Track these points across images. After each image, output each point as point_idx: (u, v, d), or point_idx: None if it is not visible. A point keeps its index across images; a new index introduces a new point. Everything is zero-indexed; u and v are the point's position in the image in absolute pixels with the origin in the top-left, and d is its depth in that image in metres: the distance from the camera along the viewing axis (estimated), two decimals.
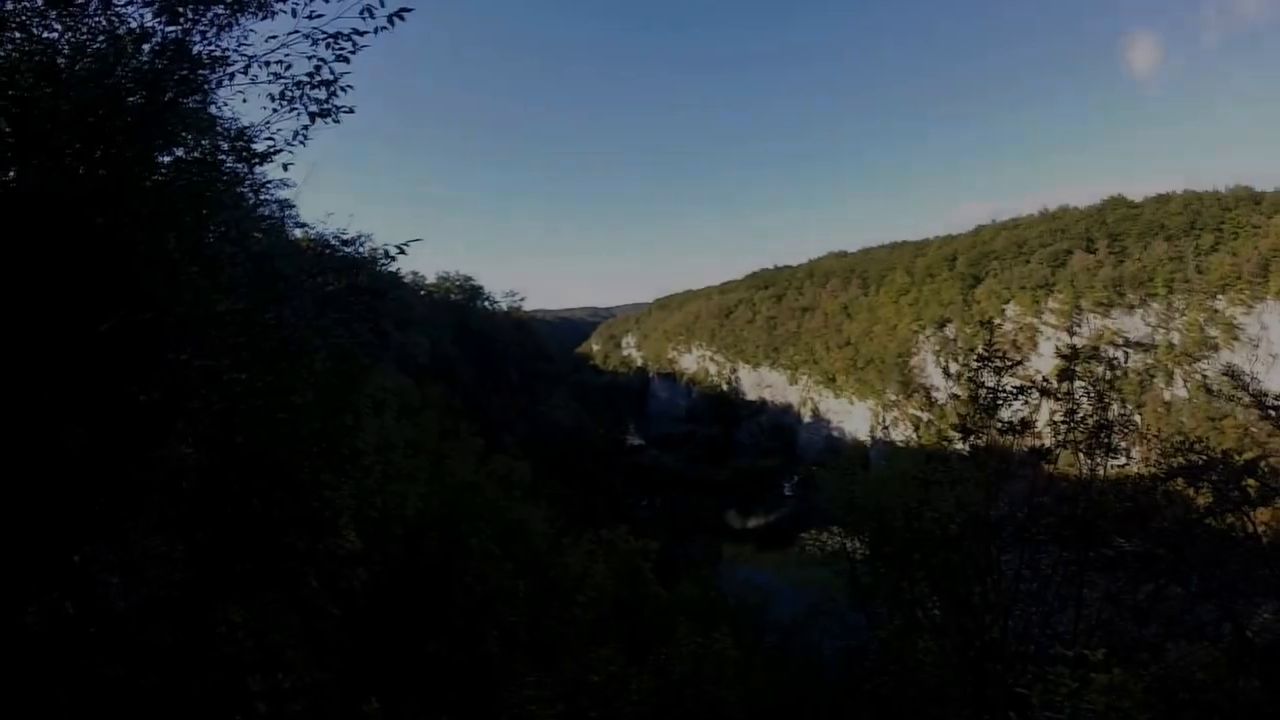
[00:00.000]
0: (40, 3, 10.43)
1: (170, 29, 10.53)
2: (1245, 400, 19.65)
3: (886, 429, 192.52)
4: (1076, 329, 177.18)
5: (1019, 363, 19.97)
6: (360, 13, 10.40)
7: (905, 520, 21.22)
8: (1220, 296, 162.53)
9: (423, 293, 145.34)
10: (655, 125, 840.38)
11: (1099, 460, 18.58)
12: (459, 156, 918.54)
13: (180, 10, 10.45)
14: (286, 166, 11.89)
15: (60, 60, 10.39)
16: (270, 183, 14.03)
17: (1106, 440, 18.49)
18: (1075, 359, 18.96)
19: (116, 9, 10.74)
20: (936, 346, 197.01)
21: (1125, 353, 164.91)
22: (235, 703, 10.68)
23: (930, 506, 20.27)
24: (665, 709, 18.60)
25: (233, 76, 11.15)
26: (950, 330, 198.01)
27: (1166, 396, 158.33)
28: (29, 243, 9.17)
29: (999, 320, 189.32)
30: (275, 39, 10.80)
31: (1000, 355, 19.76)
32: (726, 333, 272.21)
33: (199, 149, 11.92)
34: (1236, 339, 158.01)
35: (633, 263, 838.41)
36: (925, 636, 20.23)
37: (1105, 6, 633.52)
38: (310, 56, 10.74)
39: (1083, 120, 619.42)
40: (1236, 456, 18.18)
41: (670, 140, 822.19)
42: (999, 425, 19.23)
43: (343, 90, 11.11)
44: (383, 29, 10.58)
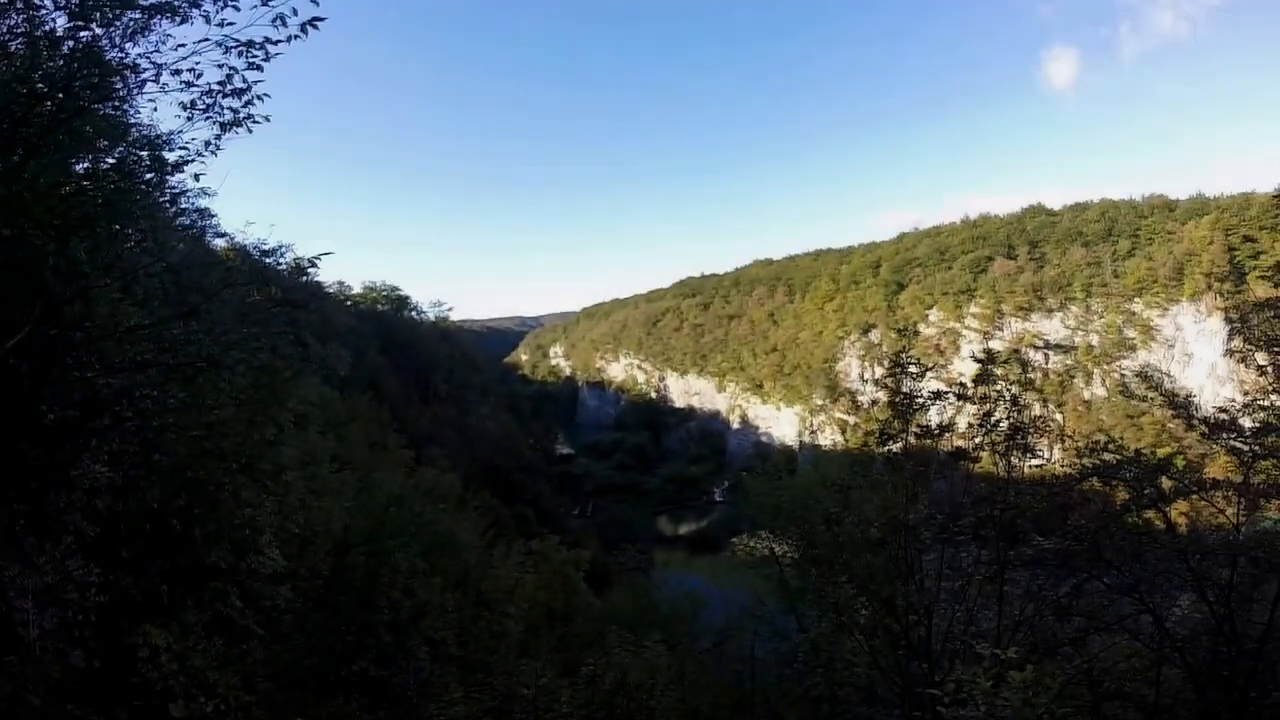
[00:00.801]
0: None
1: (84, 33, 10.20)
2: (1157, 400, 20.25)
3: (814, 433, 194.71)
4: (998, 333, 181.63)
5: (931, 368, 20.34)
6: (272, 21, 10.17)
7: (826, 525, 21.45)
8: (1137, 300, 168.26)
9: (349, 303, 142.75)
10: (580, 134, 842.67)
11: (1016, 461, 18.97)
12: (383, 165, 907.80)
13: (95, 14, 10.13)
14: (198, 177, 11.60)
15: None
16: (189, 191, 13.60)
17: (1023, 442, 18.86)
18: (990, 363, 19.28)
19: (35, 11, 10.40)
20: (861, 351, 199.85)
21: (1046, 354, 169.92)
22: None
23: (852, 511, 20.51)
24: None
25: (144, 84, 10.86)
26: (875, 335, 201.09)
27: (1086, 396, 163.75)
28: None
29: (922, 325, 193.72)
30: (185, 46, 10.54)
31: (915, 361, 20.13)
32: (654, 341, 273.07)
33: (113, 156, 11.59)
34: (1153, 340, 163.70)
35: (560, 271, 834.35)
36: (853, 637, 20.41)
37: (1026, 22, 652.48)
38: (221, 65, 10.49)
39: (1003, 131, 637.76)
40: (1150, 455, 18.75)
41: (595, 149, 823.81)
42: (918, 430, 19.55)
43: (259, 99, 10.87)
44: (296, 38, 10.34)
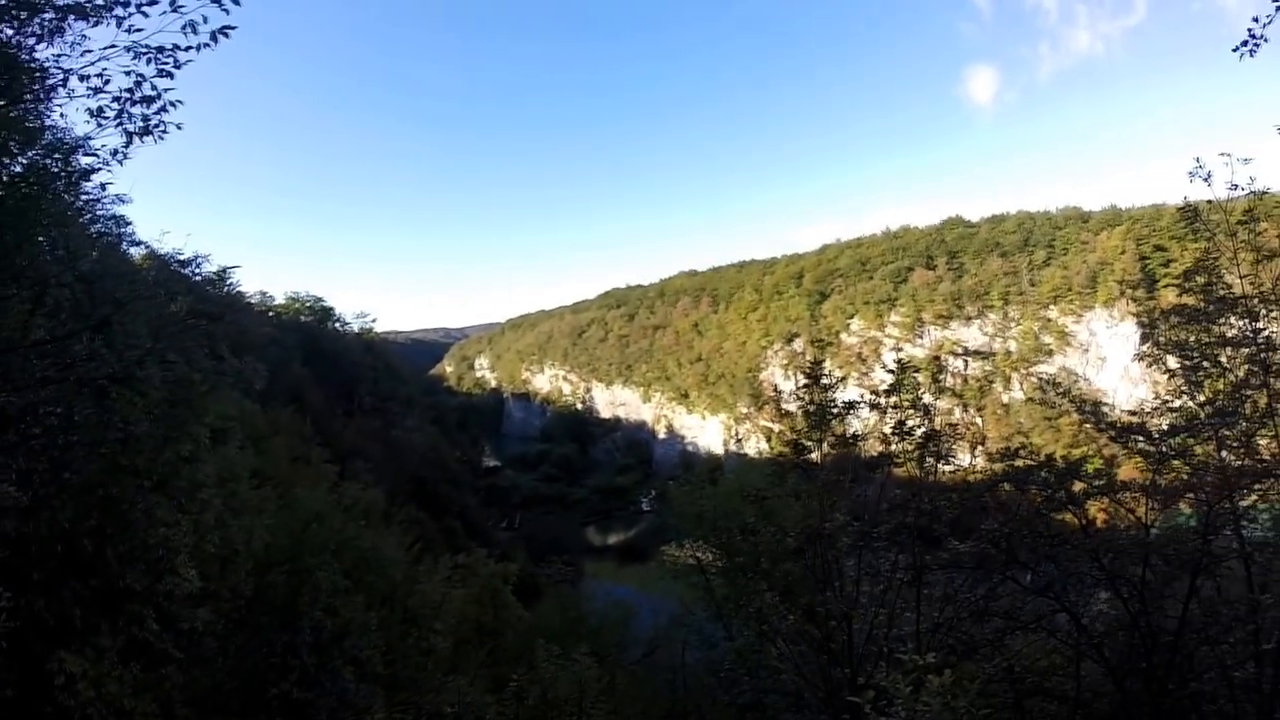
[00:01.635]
0: None
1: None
2: (1065, 405, 20.80)
3: (739, 441, 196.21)
4: (918, 340, 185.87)
5: (843, 379, 20.69)
6: (182, 29, 9.89)
7: (742, 535, 21.58)
8: (1052, 307, 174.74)
9: (271, 314, 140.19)
10: (503, 145, 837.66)
11: (930, 467, 19.34)
12: (305, 173, 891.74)
13: (8, 14, 9.75)
14: (105, 186, 11.24)
15: None
16: (104, 198, 13.17)
17: (936, 449, 19.21)
18: (902, 373, 19.63)
19: None
20: (785, 360, 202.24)
21: (965, 361, 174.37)
22: None
23: (769, 520, 20.68)
24: None
25: (53, 89, 10.50)
26: (798, 344, 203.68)
27: (1005, 400, 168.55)
28: None
29: (845, 334, 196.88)
30: (92, 52, 10.22)
31: (828, 373, 20.44)
32: (580, 352, 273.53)
33: (24, 160, 11.18)
34: (1069, 345, 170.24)
35: (485, 283, 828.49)
36: (779, 644, 20.53)
37: (949, 41, 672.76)
38: (129, 71, 10.18)
39: (925, 145, 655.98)
40: (1061, 460, 19.21)
41: (519, 160, 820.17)
42: (834, 439, 19.83)
43: (172, 106, 10.57)
44: (206, 45, 10.07)
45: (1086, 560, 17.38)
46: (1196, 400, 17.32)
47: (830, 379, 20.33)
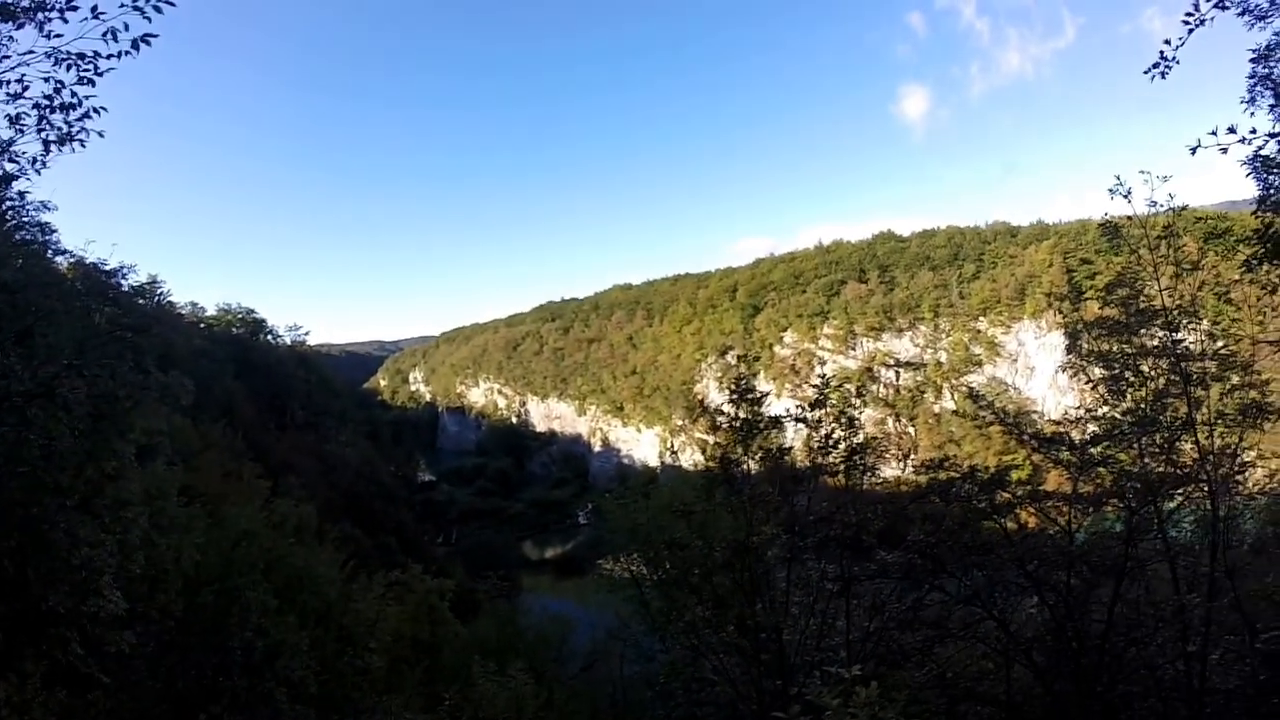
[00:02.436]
0: None
1: None
2: (988, 417, 21.24)
3: (674, 454, 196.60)
4: (851, 352, 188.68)
5: (777, 393, 20.87)
6: (103, 36, 9.63)
7: (669, 550, 21.62)
8: (982, 319, 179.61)
9: (202, 325, 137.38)
10: (436, 158, 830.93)
11: (857, 479, 19.59)
12: (236, 182, 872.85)
13: None
14: (24, 195, 10.93)
15: None
16: (28, 205, 12.78)
17: (862, 461, 19.44)
18: (826, 388, 19.85)
19: None
20: (719, 373, 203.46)
21: (897, 372, 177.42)
22: None
23: (702, 532, 20.73)
24: None
25: None
26: (732, 357, 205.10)
27: (937, 409, 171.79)
28: None
29: (778, 346, 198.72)
30: (10, 58, 9.92)
31: (754, 389, 20.60)
32: (515, 365, 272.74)
33: None
34: (998, 355, 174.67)
35: (419, 295, 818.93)
36: (713, 657, 20.55)
37: (883, 60, 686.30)
38: (48, 78, 9.90)
39: (858, 162, 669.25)
40: (986, 468, 19.58)
41: (452, 172, 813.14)
42: (761, 452, 19.98)
43: (95, 112, 10.30)
44: (127, 53, 9.82)
45: (1012, 568, 17.73)
46: (1119, 409, 17.76)
47: (755, 394, 20.52)
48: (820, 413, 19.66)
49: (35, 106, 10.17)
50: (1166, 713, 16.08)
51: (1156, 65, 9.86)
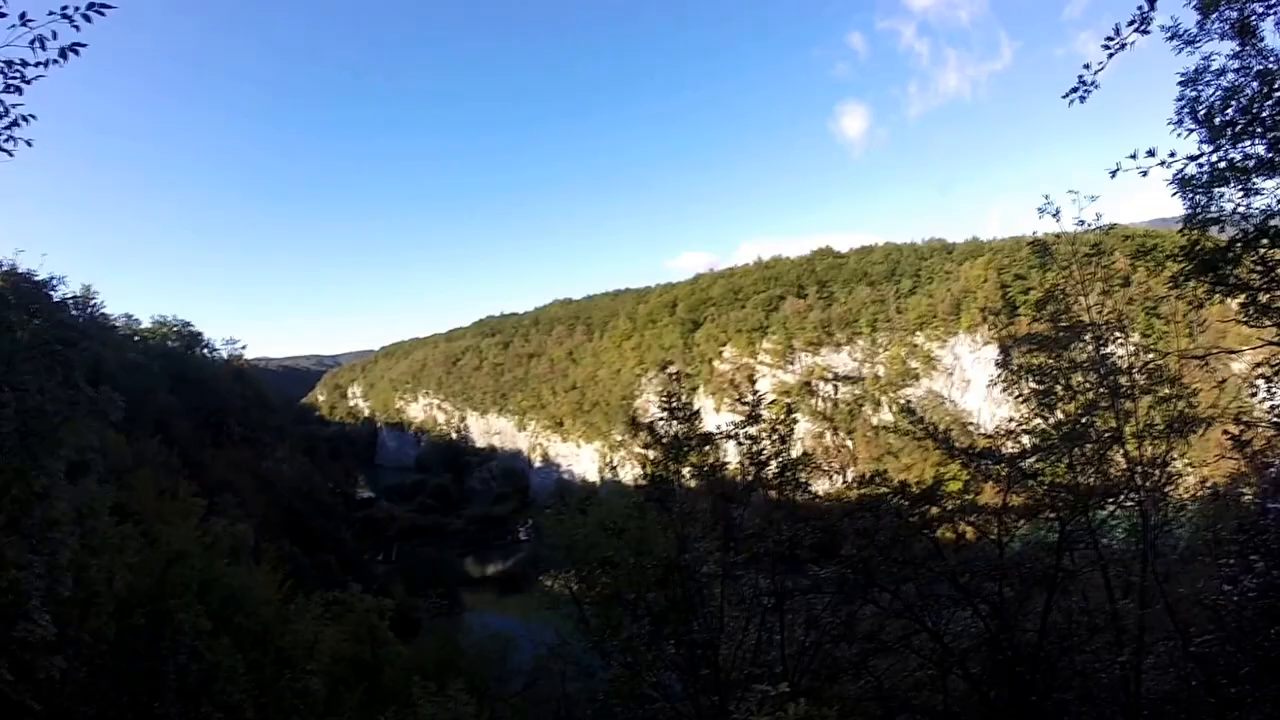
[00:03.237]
0: None
1: None
2: (918, 433, 21.66)
3: (614, 469, 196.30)
4: (790, 366, 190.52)
5: (697, 413, 21.00)
6: (30, 44, 9.43)
7: (602, 567, 21.63)
8: (919, 333, 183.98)
9: (137, 338, 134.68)
10: (376, 171, 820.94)
11: (789, 494, 19.81)
12: (168, 193, 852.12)
13: None
14: None
15: None
16: None
17: (793, 477, 19.65)
18: (758, 406, 20.05)
19: None
20: (659, 387, 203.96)
21: (835, 386, 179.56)
22: None
23: (640, 548, 20.75)
24: None
25: None
26: (677, 369, 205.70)
27: (875, 422, 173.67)
28: None
29: (717, 361, 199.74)
30: None
31: (683, 406, 20.73)
32: (454, 380, 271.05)
33: None
34: (934, 369, 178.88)
35: (357, 309, 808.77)
36: (651, 673, 20.54)
37: (822, 79, 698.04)
38: None
39: (797, 179, 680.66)
40: (917, 483, 19.90)
41: (391, 186, 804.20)
42: (692, 469, 20.10)
43: (24, 120, 10.06)
44: (55, 62, 9.62)
45: (944, 581, 18.05)
46: (1050, 422, 18.15)
47: (684, 412, 20.67)
48: (753, 429, 19.85)
49: None
50: (1102, 719, 16.42)
51: (1076, 89, 10.00)
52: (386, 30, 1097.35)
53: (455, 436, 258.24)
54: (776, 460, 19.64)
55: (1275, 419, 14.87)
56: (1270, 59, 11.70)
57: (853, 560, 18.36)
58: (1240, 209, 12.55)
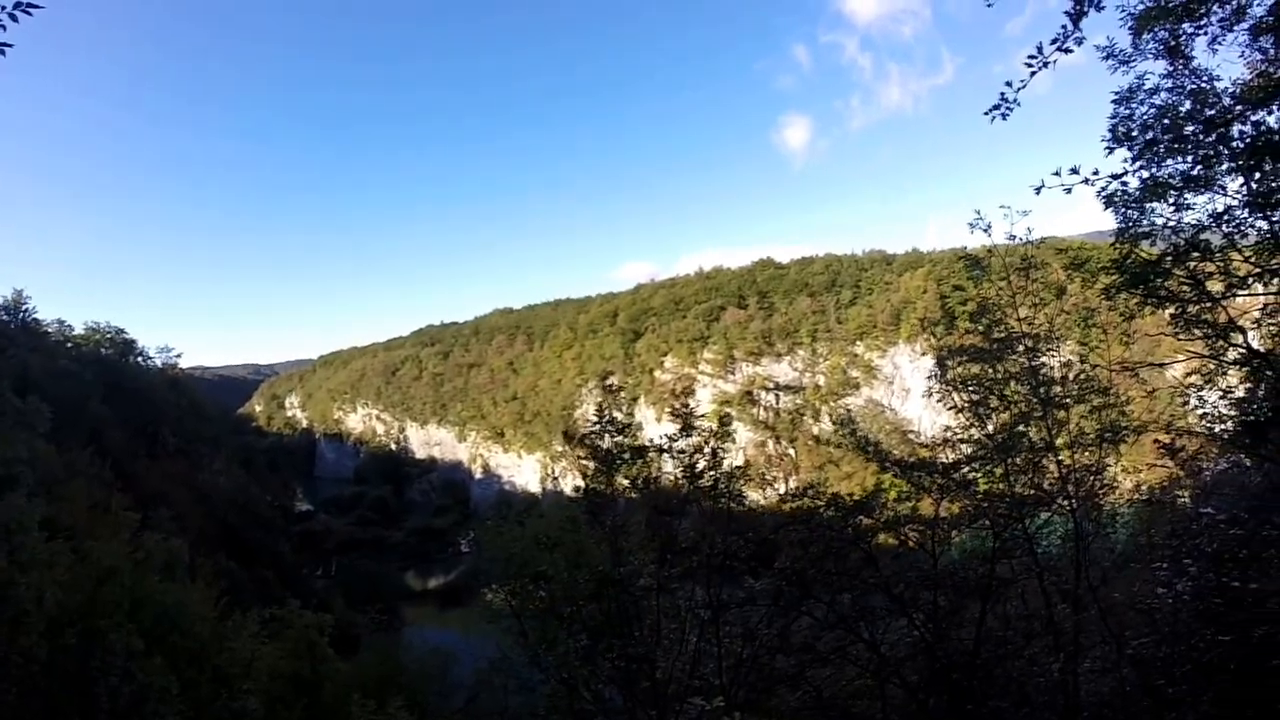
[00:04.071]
0: None
1: None
2: (850, 445, 22.00)
3: (555, 480, 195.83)
4: (731, 376, 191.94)
5: (628, 426, 21.09)
6: None
7: (534, 582, 21.57)
8: (859, 343, 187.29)
9: (70, 345, 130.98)
10: (314, 179, 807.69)
11: (723, 505, 19.93)
12: (106, 195, 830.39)
13: None
14: None
15: None
16: None
17: (727, 489, 19.77)
18: (690, 418, 20.20)
19: None
20: (600, 398, 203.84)
21: (776, 395, 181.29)
22: None
23: (574, 563, 20.73)
24: None
25: None
26: (613, 382, 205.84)
27: (816, 431, 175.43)
28: None
29: (659, 371, 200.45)
30: None
31: (613, 420, 20.79)
32: (393, 390, 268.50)
33: None
34: (875, 378, 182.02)
35: (296, 318, 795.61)
36: (589, 688, 20.48)
37: (765, 91, 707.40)
38: None
39: (739, 190, 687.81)
40: (850, 495, 20.15)
41: (331, 194, 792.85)
42: (626, 482, 20.15)
43: None
44: None
45: (878, 592, 18.29)
46: (984, 431, 18.48)
47: (616, 426, 20.79)
48: (686, 442, 19.94)
49: None
50: None
51: (997, 107, 9.92)
52: (318, 37, 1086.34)
53: (395, 448, 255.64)
54: (710, 474, 19.68)
55: (1206, 426, 15.29)
56: (1202, 78, 12.04)
57: (787, 572, 18.52)
58: (1171, 224, 12.88)
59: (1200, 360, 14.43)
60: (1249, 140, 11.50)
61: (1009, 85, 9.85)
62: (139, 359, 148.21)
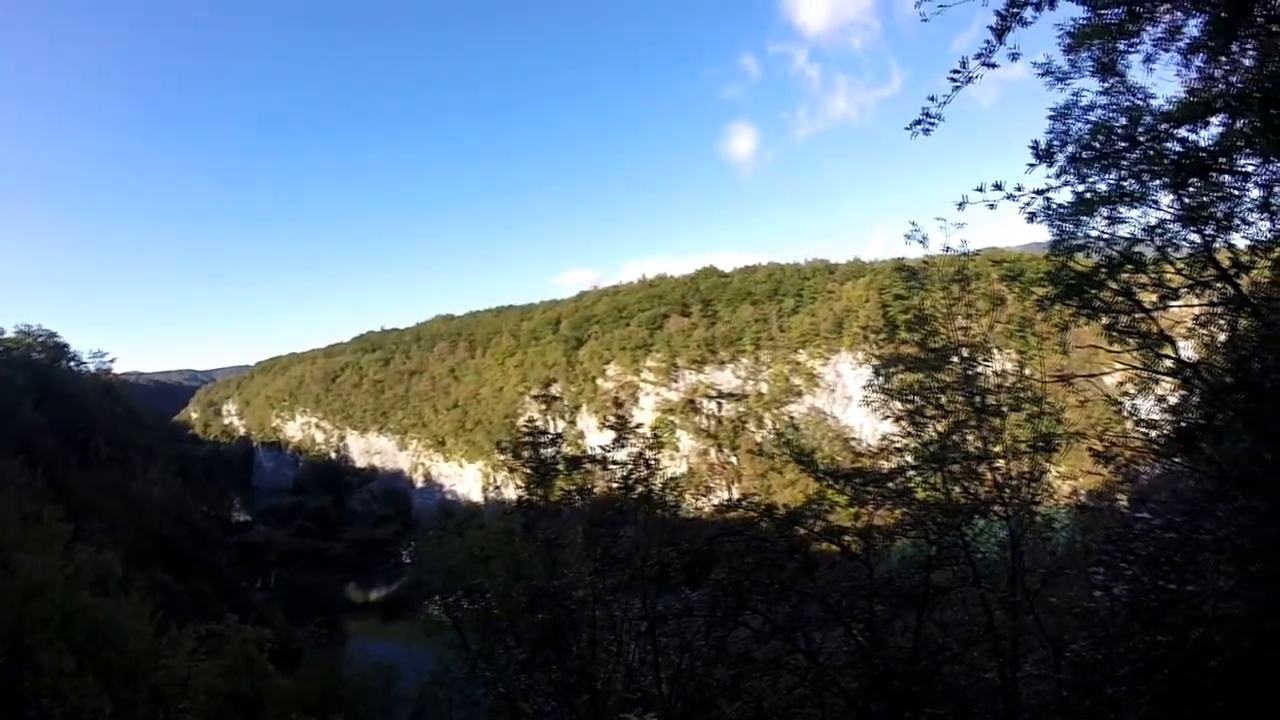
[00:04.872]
0: None
1: None
2: (785, 455, 22.24)
3: (498, 489, 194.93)
4: (674, 384, 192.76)
5: (559, 437, 21.22)
6: None
7: (469, 595, 21.47)
8: (802, 351, 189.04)
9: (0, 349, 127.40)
10: (250, 181, 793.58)
11: (661, 515, 20.06)
12: (38, 194, 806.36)
13: None
14: None
15: None
16: None
17: (661, 500, 19.91)
18: (624, 429, 20.29)
19: None
20: (542, 406, 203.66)
21: (719, 403, 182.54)
22: None
23: (513, 575, 20.65)
24: None
25: None
26: (555, 389, 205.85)
27: (759, 439, 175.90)
28: None
29: (601, 379, 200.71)
30: None
31: (545, 431, 20.88)
32: (333, 398, 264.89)
33: None
34: (817, 386, 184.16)
35: (232, 322, 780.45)
36: (530, 701, 20.40)
37: (711, 100, 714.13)
38: None
39: (684, 198, 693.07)
40: (783, 507, 20.34)
41: (269, 197, 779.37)
42: (562, 493, 20.18)
43: None
44: None
45: (814, 603, 18.48)
46: (921, 440, 18.76)
47: (546, 437, 20.88)
48: (620, 454, 20.00)
49: None
50: None
51: (920, 122, 9.95)
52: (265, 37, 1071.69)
53: (334, 456, 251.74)
54: (644, 485, 19.74)
55: (1141, 433, 15.64)
56: (1137, 95, 12.33)
57: (723, 583, 18.63)
58: (1105, 237, 13.16)
59: (1132, 371, 14.79)
60: (1177, 156, 11.79)
61: (932, 100, 9.91)
62: (71, 364, 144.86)
